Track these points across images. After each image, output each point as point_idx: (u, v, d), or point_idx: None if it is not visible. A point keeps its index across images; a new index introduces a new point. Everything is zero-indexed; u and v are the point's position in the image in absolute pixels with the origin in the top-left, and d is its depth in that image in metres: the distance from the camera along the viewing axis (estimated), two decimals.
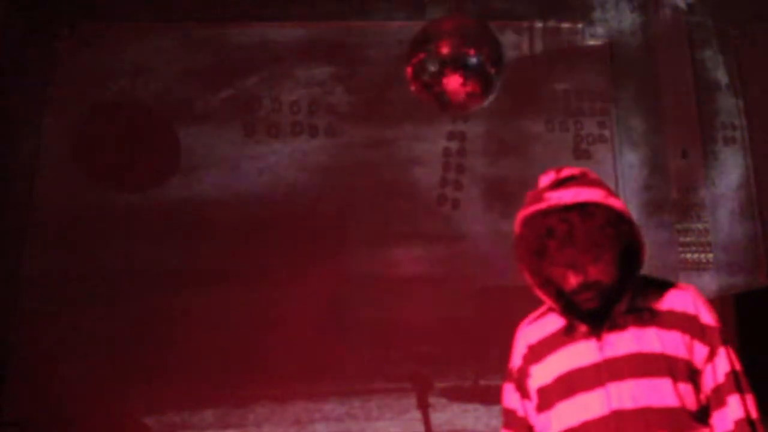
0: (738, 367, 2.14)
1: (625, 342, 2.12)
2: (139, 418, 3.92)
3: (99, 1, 4.43)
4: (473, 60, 3.34)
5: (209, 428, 3.94)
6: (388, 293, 4.10)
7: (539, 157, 4.33)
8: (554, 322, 2.25)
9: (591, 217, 2.10)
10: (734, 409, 2.09)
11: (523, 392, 2.29)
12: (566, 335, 2.22)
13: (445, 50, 3.34)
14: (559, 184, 2.17)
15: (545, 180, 2.20)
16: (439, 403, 3.95)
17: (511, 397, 2.31)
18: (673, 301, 2.18)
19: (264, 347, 3.97)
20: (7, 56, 4.25)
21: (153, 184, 4.25)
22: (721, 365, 2.12)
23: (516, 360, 2.32)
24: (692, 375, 2.11)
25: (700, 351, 2.12)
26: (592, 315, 2.16)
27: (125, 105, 4.35)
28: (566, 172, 2.20)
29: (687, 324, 2.14)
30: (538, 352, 2.25)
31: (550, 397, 2.20)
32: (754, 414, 2.09)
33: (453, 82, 3.34)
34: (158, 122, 4.34)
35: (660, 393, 2.07)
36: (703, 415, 2.10)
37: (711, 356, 2.13)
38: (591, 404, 2.11)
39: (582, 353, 2.16)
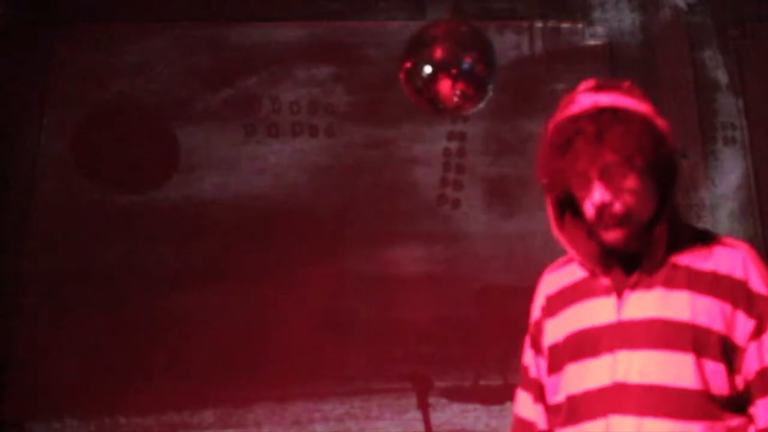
0: None
1: (648, 304, 1.77)
2: (138, 418, 3.92)
3: (99, 1, 4.43)
4: (465, 64, 3.35)
5: (209, 428, 3.94)
6: (388, 293, 4.10)
7: None
8: (577, 272, 1.92)
9: (627, 123, 1.76)
10: None
11: (537, 348, 1.98)
12: (586, 288, 1.88)
13: (436, 55, 3.35)
14: (598, 88, 1.86)
15: (584, 85, 1.91)
16: (439, 403, 3.95)
17: (526, 352, 2.03)
18: (719, 260, 1.79)
19: (264, 347, 3.97)
20: (7, 56, 4.24)
21: (153, 184, 4.25)
22: None
23: (535, 312, 2.02)
24: (728, 353, 1.72)
25: (744, 325, 1.73)
26: (617, 255, 1.82)
27: (125, 105, 4.35)
28: (613, 81, 1.89)
29: (730, 290, 1.75)
30: (555, 304, 1.94)
31: (561, 357, 1.89)
32: None
33: (445, 87, 3.34)
34: (158, 122, 4.34)
35: (677, 371, 1.71)
36: (735, 402, 1.72)
37: (759, 332, 1.73)
38: (596, 372, 1.78)
39: (598, 311, 1.82)
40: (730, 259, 1.79)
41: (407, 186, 4.32)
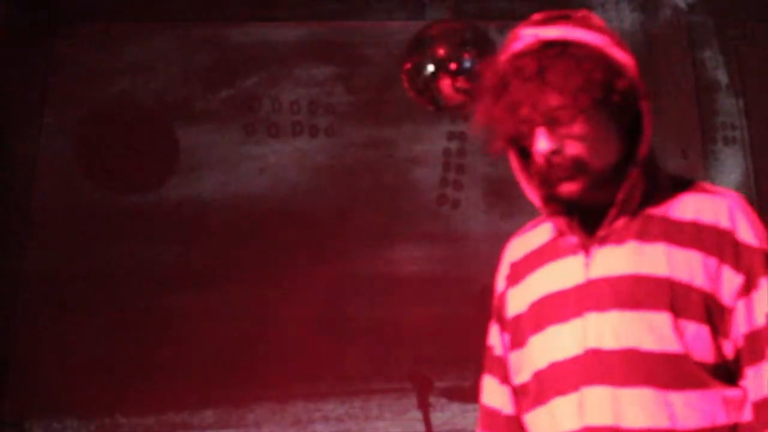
0: None
1: (619, 259, 1.55)
2: (138, 418, 3.92)
3: (99, 1, 4.43)
4: (466, 63, 3.36)
5: (209, 428, 3.94)
6: (388, 293, 4.10)
7: None
8: (544, 234, 1.72)
9: (575, 59, 1.50)
10: None
11: (503, 324, 1.76)
12: (552, 249, 1.66)
13: (436, 55, 3.36)
14: (547, 20, 1.60)
15: (532, 17, 1.65)
16: (439, 403, 3.95)
17: (491, 330, 1.81)
18: (701, 209, 1.55)
19: (264, 347, 3.97)
20: (7, 56, 4.24)
21: (153, 185, 4.25)
22: (761, 302, 1.49)
23: (499, 284, 1.82)
24: (712, 313, 1.49)
25: (731, 280, 1.50)
26: (585, 208, 1.59)
27: (125, 105, 4.35)
28: (564, 11, 1.61)
29: (715, 242, 1.52)
30: (519, 271, 1.74)
31: (523, 329, 1.66)
32: None
33: (446, 87, 3.35)
34: (158, 122, 4.34)
35: (654, 332, 1.48)
36: (724, 371, 1.50)
37: (747, 289, 1.50)
38: (564, 340, 1.55)
39: (565, 272, 1.60)
40: (714, 207, 1.55)
41: (407, 186, 4.32)
